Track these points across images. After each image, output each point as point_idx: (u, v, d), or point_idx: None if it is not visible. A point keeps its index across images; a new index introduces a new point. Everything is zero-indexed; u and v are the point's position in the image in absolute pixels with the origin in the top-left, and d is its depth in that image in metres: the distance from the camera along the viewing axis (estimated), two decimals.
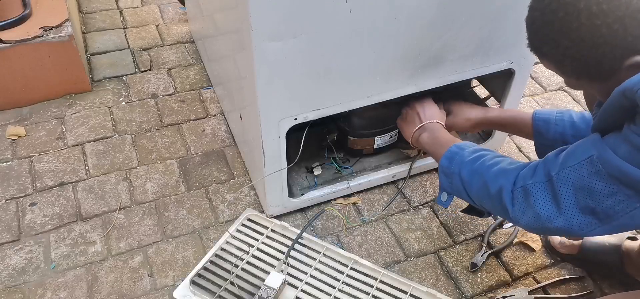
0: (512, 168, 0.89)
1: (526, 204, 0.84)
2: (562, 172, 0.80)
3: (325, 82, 1.03)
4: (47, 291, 1.09)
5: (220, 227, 1.23)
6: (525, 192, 0.84)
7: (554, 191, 0.81)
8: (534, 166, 0.86)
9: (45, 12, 1.51)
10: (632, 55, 0.70)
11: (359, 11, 0.95)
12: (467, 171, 0.94)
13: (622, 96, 0.70)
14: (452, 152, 0.99)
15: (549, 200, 0.82)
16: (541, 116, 1.11)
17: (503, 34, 1.14)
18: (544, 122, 1.10)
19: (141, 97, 1.57)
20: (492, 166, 0.92)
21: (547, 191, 0.82)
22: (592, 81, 0.77)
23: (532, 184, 0.84)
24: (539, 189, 0.83)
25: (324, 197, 1.27)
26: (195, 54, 1.74)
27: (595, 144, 0.77)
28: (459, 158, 0.97)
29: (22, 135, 1.43)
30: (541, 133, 1.11)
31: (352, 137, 1.28)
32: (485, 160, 0.94)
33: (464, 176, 0.95)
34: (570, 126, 1.08)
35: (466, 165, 0.95)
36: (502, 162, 0.92)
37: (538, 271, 1.17)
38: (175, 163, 1.38)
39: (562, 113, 1.10)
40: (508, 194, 0.87)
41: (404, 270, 1.16)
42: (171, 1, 1.97)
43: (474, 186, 0.94)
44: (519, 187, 0.85)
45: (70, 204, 1.26)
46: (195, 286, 1.06)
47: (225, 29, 1.20)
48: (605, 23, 0.69)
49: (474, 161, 0.95)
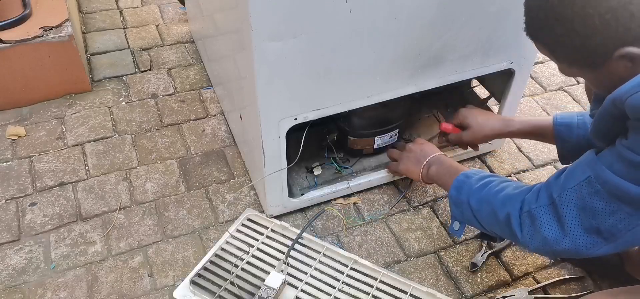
0: (517, 193, 0.89)
1: (533, 229, 0.85)
2: (563, 194, 0.81)
3: (325, 82, 1.03)
4: (47, 291, 1.09)
5: (220, 227, 1.23)
6: (531, 217, 0.85)
7: (557, 214, 0.82)
8: (537, 189, 0.86)
9: (45, 12, 1.51)
10: (622, 46, 0.70)
11: (359, 11, 0.95)
12: (476, 200, 0.96)
13: (612, 104, 0.72)
14: (460, 181, 1.00)
15: (554, 223, 0.82)
16: (562, 121, 1.10)
17: (503, 34, 1.14)
18: (566, 127, 1.09)
19: (141, 97, 1.57)
20: (499, 192, 0.92)
21: (551, 214, 0.83)
22: (584, 69, 0.78)
23: (536, 208, 0.84)
24: (544, 213, 0.83)
25: (324, 197, 1.27)
26: (195, 54, 1.74)
27: (590, 164, 0.78)
28: (467, 187, 0.98)
29: (22, 135, 1.43)
30: (564, 138, 1.10)
31: (352, 137, 1.28)
32: (491, 187, 0.95)
33: (472, 205, 0.96)
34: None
35: (474, 193, 0.96)
36: (507, 188, 0.92)
37: (538, 271, 1.17)
38: (175, 163, 1.38)
39: (583, 115, 1.08)
40: (516, 220, 0.87)
41: (404, 270, 1.16)
42: (171, 1, 1.97)
43: (483, 213, 0.95)
44: (525, 212, 0.86)
45: (70, 204, 1.26)
46: (195, 286, 1.06)
47: (225, 29, 1.20)
48: (597, 13, 0.69)
49: (481, 188, 0.96)
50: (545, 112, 1.60)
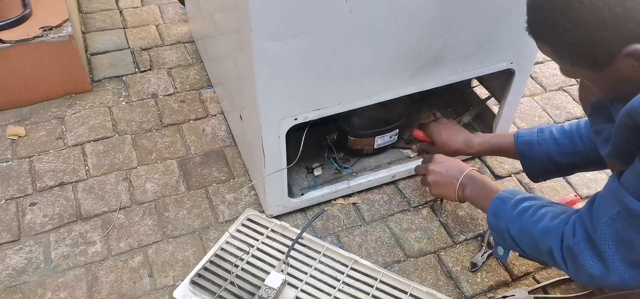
0: (555, 225, 0.86)
1: (576, 265, 0.82)
2: (598, 231, 0.78)
3: (325, 82, 1.03)
4: (47, 291, 1.09)
5: (220, 227, 1.23)
6: (572, 254, 0.82)
7: (597, 250, 0.79)
8: (573, 222, 0.83)
9: (45, 12, 1.51)
10: (631, 42, 0.68)
11: (359, 11, 0.95)
12: (516, 230, 0.93)
13: (627, 116, 0.69)
14: (497, 207, 0.98)
15: (595, 259, 0.79)
16: (523, 139, 1.12)
17: (503, 34, 1.14)
18: (528, 145, 1.11)
19: (141, 97, 1.57)
20: (537, 222, 0.90)
21: (591, 250, 0.80)
22: (588, 68, 0.74)
23: (574, 244, 0.82)
24: (583, 249, 0.81)
25: (324, 197, 1.27)
26: (195, 54, 1.74)
27: (616, 195, 0.75)
28: (505, 215, 0.96)
29: (22, 135, 1.43)
30: (526, 156, 1.12)
31: (352, 137, 1.28)
32: (529, 214, 0.92)
33: (513, 234, 0.94)
34: (553, 144, 1.08)
35: (513, 222, 0.94)
36: (545, 217, 0.89)
37: (538, 271, 1.17)
38: (175, 163, 1.38)
39: (542, 131, 1.10)
40: (559, 254, 0.85)
41: (404, 270, 1.16)
42: (171, 1, 1.97)
43: (525, 244, 0.93)
44: (565, 248, 0.84)
45: (70, 204, 1.26)
46: (195, 286, 1.06)
47: (225, 29, 1.20)
48: (607, 6, 0.66)
49: (519, 216, 0.93)
50: (545, 112, 1.60)
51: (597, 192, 0.82)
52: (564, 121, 1.58)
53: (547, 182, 1.37)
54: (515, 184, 1.37)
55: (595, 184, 1.38)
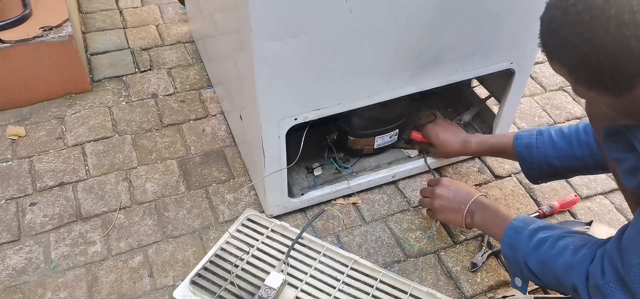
0: (579, 260, 0.83)
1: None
2: (631, 273, 0.74)
3: (325, 82, 1.03)
4: (47, 291, 1.09)
5: (220, 227, 1.23)
6: (601, 293, 0.79)
7: (630, 291, 0.76)
8: (600, 260, 0.80)
9: (45, 12, 1.51)
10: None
11: (359, 11, 0.95)
12: (535, 263, 0.90)
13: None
14: (511, 238, 0.95)
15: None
16: (522, 142, 1.12)
17: (503, 34, 1.14)
18: (526, 148, 1.11)
19: (141, 97, 1.57)
20: (558, 255, 0.87)
21: (622, 291, 0.77)
22: (605, 93, 0.69)
23: (604, 284, 0.78)
24: (614, 290, 0.78)
25: (324, 197, 1.27)
26: (195, 54, 1.74)
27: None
28: (521, 247, 0.93)
29: (22, 135, 1.43)
30: (525, 159, 1.12)
31: (352, 137, 1.28)
32: (547, 247, 0.89)
33: (532, 268, 0.91)
34: (551, 148, 1.08)
35: (531, 255, 0.91)
36: (566, 251, 0.86)
37: None
38: (175, 163, 1.38)
39: (541, 134, 1.09)
40: (584, 292, 0.82)
41: (404, 270, 1.16)
42: (171, 1, 1.97)
43: (546, 278, 0.90)
44: (592, 287, 0.81)
45: (70, 204, 1.26)
46: (195, 286, 1.06)
47: (225, 29, 1.20)
48: (634, 35, 0.62)
49: (537, 248, 0.90)
50: (545, 112, 1.60)
51: (624, 227, 0.79)
52: (564, 121, 1.58)
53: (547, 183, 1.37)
54: (515, 184, 1.37)
55: (595, 184, 1.38)
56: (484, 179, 1.37)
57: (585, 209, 1.31)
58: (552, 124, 1.57)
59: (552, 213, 1.28)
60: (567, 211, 1.31)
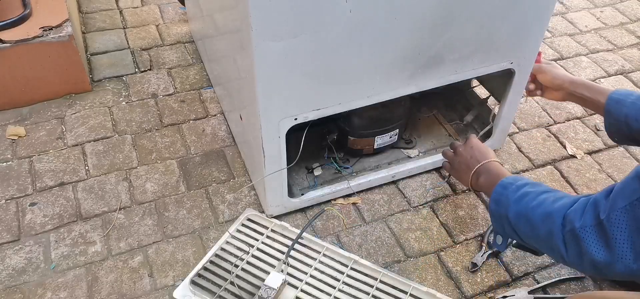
0: (557, 208, 0.82)
1: (579, 250, 0.78)
2: (612, 215, 0.74)
3: (325, 82, 1.03)
4: (47, 291, 1.09)
5: (220, 227, 1.23)
6: (575, 238, 0.78)
7: (605, 236, 0.75)
8: (582, 206, 0.79)
9: (45, 12, 1.51)
10: None
11: (359, 11, 0.95)
12: (513, 213, 0.91)
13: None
14: (498, 193, 0.95)
15: (602, 246, 0.75)
16: (616, 96, 1.06)
17: (503, 34, 1.14)
18: (616, 102, 1.06)
19: (141, 97, 1.57)
20: (537, 206, 0.86)
21: (598, 235, 0.75)
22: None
23: (580, 228, 0.77)
24: (589, 234, 0.76)
25: (324, 197, 1.27)
26: (195, 54, 1.74)
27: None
28: (505, 199, 0.93)
29: (22, 135, 1.43)
30: (611, 113, 1.07)
31: (352, 137, 1.28)
32: (529, 199, 0.89)
33: (511, 219, 0.91)
34: (633, 108, 1.02)
35: (511, 206, 0.91)
36: (546, 201, 0.85)
37: (538, 271, 1.17)
38: (175, 163, 1.38)
39: (631, 94, 1.04)
40: (559, 238, 0.81)
41: (404, 270, 1.16)
42: (171, 1, 1.97)
43: (521, 229, 0.90)
44: (568, 231, 0.79)
45: (70, 204, 1.26)
46: (195, 286, 1.06)
47: (225, 29, 1.20)
48: None
49: (519, 200, 0.90)
50: (545, 112, 1.60)
51: (615, 183, 0.78)
52: (564, 121, 1.58)
53: (547, 181, 1.37)
54: None
55: (595, 184, 1.38)
56: None
57: None
58: (552, 124, 1.57)
59: None
60: None
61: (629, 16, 2.12)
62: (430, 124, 1.46)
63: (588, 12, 2.13)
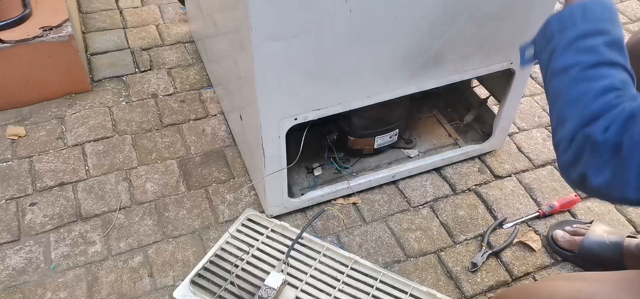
0: (599, 103, 0.64)
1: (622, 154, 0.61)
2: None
3: (325, 82, 1.03)
4: (47, 291, 1.09)
5: (220, 227, 1.23)
6: (590, 145, 0.63)
7: (620, 158, 0.60)
8: (623, 116, 0.61)
9: (45, 12, 1.51)
10: None
11: (359, 11, 0.95)
12: (565, 58, 0.69)
13: None
14: (566, 15, 0.71)
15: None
16: None
17: (503, 34, 1.14)
18: None
19: (141, 97, 1.57)
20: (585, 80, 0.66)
21: (612, 156, 0.61)
22: None
23: (603, 140, 0.61)
24: (603, 151, 0.62)
25: (324, 197, 1.27)
26: (195, 54, 1.74)
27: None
28: (570, 30, 0.70)
29: (22, 135, 1.43)
30: None
31: (352, 137, 1.28)
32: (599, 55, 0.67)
33: (556, 59, 0.70)
34: None
35: (569, 46, 0.69)
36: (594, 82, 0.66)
37: (538, 271, 1.17)
38: (175, 163, 1.38)
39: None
40: (569, 136, 0.65)
41: (404, 270, 1.16)
42: (171, 1, 1.97)
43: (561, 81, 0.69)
44: (584, 134, 0.64)
45: (70, 204, 1.26)
46: (195, 286, 1.06)
47: (225, 29, 1.20)
48: None
49: (584, 49, 0.68)
50: (545, 112, 1.60)
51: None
52: None
53: (547, 181, 1.37)
54: (515, 184, 1.37)
55: None
56: (483, 179, 1.37)
57: (585, 209, 1.32)
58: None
59: (552, 213, 1.28)
60: (567, 211, 1.31)
61: (629, 16, 2.12)
62: (430, 124, 1.46)
63: None
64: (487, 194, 1.34)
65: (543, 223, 1.27)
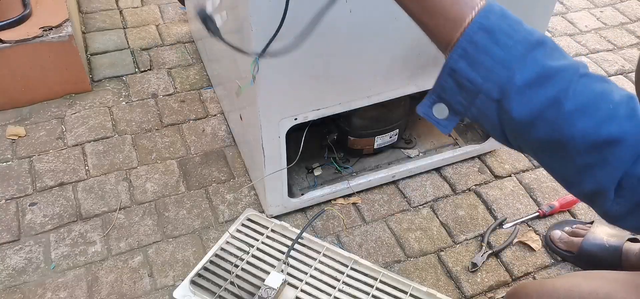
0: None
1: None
2: None
3: (325, 82, 1.03)
4: (47, 291, 1.09)
5: (220, 227, 1.23)
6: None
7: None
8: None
9: (45, 12, 1.51)
10: None
11: (359, 11, 0.95)
12: (529, 76, 0.50)
13: None
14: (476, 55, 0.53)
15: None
16: None
17: None
18: None
19: (141, 97, 1.57)
20: (591, 97, 0.50)
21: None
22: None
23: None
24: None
25: (324, 197, 1.27)
26: (195, 54, 1.74)
27: None
28: (518, 49, 0.52)
29: (22, 135, 1.43)
30: None
31: (352, 137, 1.28)
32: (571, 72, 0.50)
33: (520, 112, 0.51)
34: None
35: (526, 65, 0.51)
36: (608, 96, 0.50)
37: (538, 271, 1.17)
38: (175, 163, 1.38)
39: None
40: (615, 179, 0.50)
41: (404, 270, 1.16)
42: (171, 1, 1.97)
43: (534, 129, 0.52)
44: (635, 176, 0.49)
45: (70, 204, 1.26)
46: (195, 286, 1.06)
47: (225, 29, 1.20)
48: None
49: (545, 57, 0.51)
50: None
51: None
52: None
53: (547, 181, 1.37)
54: (515, 184, 1.37)
55: None
56: (483, 179, 1.37)
57: (585, 209, 1.32)
58: None
59: (552, 213, 1.28)
60: (567, 211, 1.31)
61: (629, 16, 2.12)
62: (430, 124, 1.45)
63: (588, 12, 2.13)
64: (487, 194, 1.34)
65: (543, 223, 1.27)
